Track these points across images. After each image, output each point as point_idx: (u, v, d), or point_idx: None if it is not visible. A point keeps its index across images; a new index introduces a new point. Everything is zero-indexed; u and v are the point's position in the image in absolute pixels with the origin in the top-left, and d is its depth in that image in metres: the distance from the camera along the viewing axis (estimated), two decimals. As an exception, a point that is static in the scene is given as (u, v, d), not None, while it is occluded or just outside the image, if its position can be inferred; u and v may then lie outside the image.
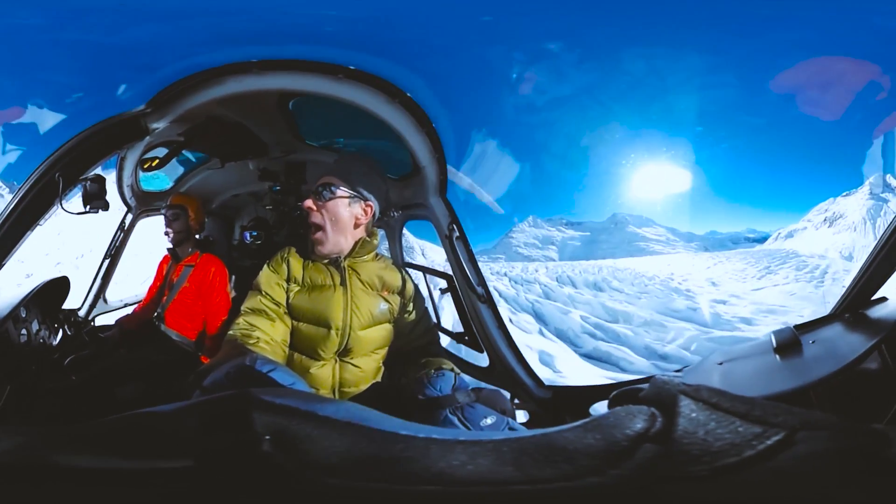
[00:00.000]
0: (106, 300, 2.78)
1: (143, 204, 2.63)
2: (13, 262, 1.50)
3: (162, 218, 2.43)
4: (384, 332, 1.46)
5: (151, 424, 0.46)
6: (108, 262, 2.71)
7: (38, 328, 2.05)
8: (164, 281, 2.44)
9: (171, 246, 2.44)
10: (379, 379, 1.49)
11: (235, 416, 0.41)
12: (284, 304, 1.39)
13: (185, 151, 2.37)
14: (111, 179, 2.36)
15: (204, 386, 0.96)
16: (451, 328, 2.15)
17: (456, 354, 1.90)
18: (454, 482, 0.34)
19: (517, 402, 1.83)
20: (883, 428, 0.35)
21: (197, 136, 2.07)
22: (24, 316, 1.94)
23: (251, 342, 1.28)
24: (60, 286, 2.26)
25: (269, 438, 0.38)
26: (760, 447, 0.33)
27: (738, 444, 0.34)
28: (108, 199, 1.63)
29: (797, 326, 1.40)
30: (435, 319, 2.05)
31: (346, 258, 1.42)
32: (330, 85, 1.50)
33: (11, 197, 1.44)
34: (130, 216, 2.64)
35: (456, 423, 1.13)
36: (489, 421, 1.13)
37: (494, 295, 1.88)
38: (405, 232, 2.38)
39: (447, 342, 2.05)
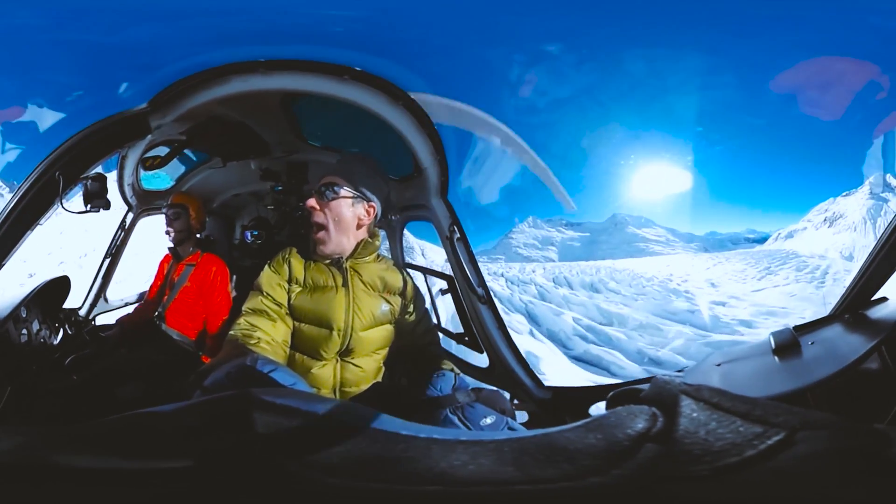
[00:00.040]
0: (107, 299, 2.78)
1: (143, 203, 2.63)
2: (15, 261, 1.49)
3: (163, 217, 2.44)
4: (385, 332, 1.46)
5: (152, 424, 0.46)
6: (108, 261, 2.71)
7: (38, 328, 2.05)
8: (164, 280, 2.44)
9: (171, 245, 2.43)
10: (380, 379, 1.49)
11: (236, 416, 0.41)
12: (286, 304, 1.39)
13: (186, 150, 2.37)
14: (112, 178, 2.36)
15: (205, 386, 0.96)
16: (450, 328, 2.15)
17: (456, 355, 1.90)
18: (455, 482, 0.34)
19: (517, 402, 1.83)
20: (883, 428, 0.35)
21: (199, 135, 2.07)
22: (24, 316, 1.94)
23: (252, 342, 1.28)
24: (61, 286, 2.26)
25: (269, 438, 0.38)
26: (761, 447, 0.33)
27: (738, 443, 0.34)
28: (109, 197, 1.63)
29: (796, 327, 1.39)
30: (435, 320, 2.05)
31: (347, 259, 1.42)
32: (334, 85, 1.50)
33: (11, 196, 1.44)
34: (131, 215, 2.64)
35: (456, 422, 1.13)
36: (489, 421, 1.13)
37: (489, 295, 1.87)
38: (405, 232, 2.37)
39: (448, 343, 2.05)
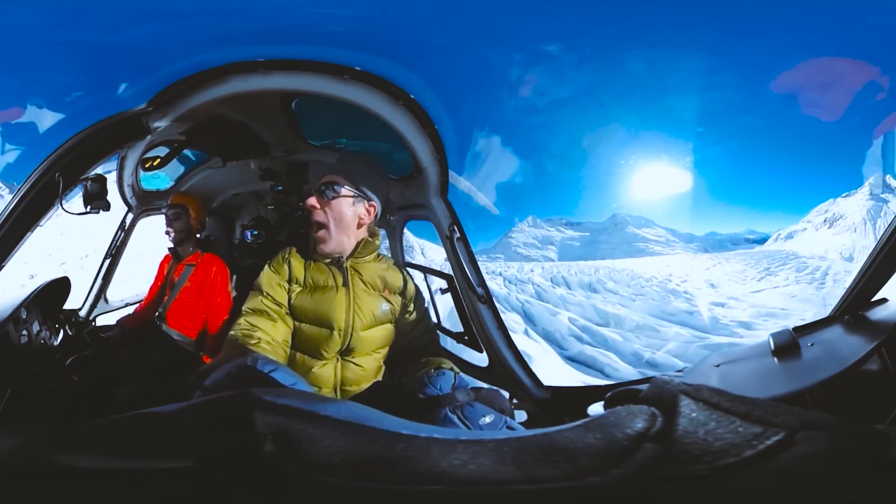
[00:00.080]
0: (107, 300, 2.78)
1: (143, 203, 2.63)
2: (17, 262, 1.49)
3: (163, 217, 2.44)
4: (386, 331, 1.46)
5: (152, 425, 0.46)
6: (108, 261, 2.71)
7: (39, 329, 2.05)
8: (165, 280, 2.44)
9: (172, 245, 2.43)
10: (380, 378, 1.49)
11: (236, 416, 0.41)
12: (286, 304, 1.39)
13: (185, 150, 2.37)
14: (111, 179, 2.36)
15: (205, 386, 0.96)
16: (449, 327, 2.15)
17: (456, 354, 1.90)
18: (456, 482, 0.34)
19: (516, 401, 1.83)
20: (883, 428, 0.35)
21: (198, 135, 2.06)
22: (24, 317, 1.94)
23: (252, 342, 1.28)
24: (61, 287, 2.26)
25: (270, 438, 0.38)
26: (760, 447, 0.33)
27: (738, 443, 0.34)
28: (108, 199, 1.63)
29: (796, 328, 1.38)
30: (435, 319, 2.05)
31: (348, 259, 1.42)
32: (335, 85, 1.50)
33: (11, 197, 1.44)
34: (131, 216, 2.64)
35: (455, 421, 1.13)
36: (487, 419, 1.13)
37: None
38: (405, 231, 2.37)
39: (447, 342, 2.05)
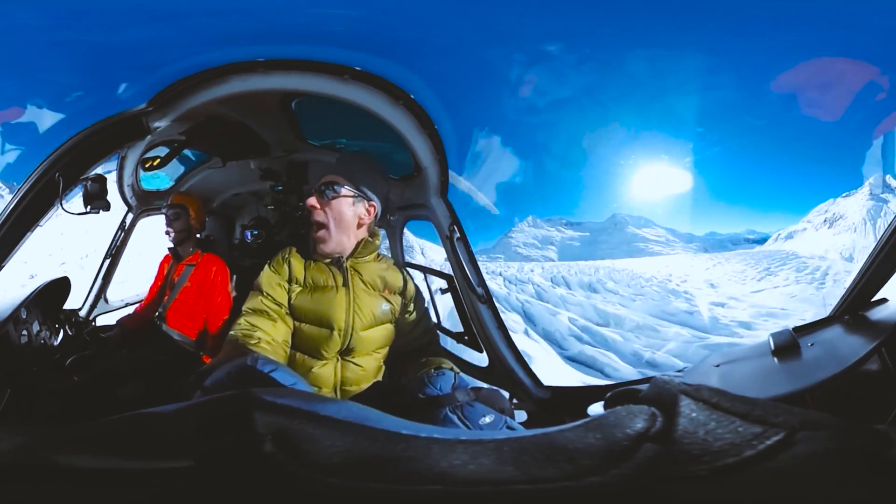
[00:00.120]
0: (107, 300, 2.78)
1: (143, 203, 2.63)
2: (17, 263, 1.49)
3: (163, 217, 2.44)
4: (386, 331, 1.46)
5: (152, 424, 0.46)
6: (108, 262, 2.71)
7: (39, 329, 2.05)
8: (165, 281, 2.44)
9: (172, 245, 2.43)
10: (380, 378, 1.49)
11: (236, 416, 0.41)
12: (286, 304, 1.39)
13: (185, 150, 2.37)
14: (111, 179, 2.36)
15: (205, 386, 0.96)
16: (449, 327, 2.15)
17: (456, 354, 1.90)
18: (456, 482, 0.34)
19: (516, 401, 1.83)
20: (883, 428, 0.35)
21: (198, 135, 2.06)
22: (24, 317, 1.94)
23: (252, 342, 1.28)
24: (61, 287, 2.26)
25: (270, 438, 0.38)
26: (760, 447, 0.33)
27: (738, 443, 0.34)
28: (108, 199, 1.63)
29: (796, 328, 1.38)
30: (435, 319, 2.05)
31: (348, 259, 1.42)
32: (335, 86, 1.50)
33: (11, 198, 1.44)
34: (131, 216, 2.64)
35: (455, 421, 1.13)
36: (487, 419, 1.13)
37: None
38: (405, 231, 2.37)
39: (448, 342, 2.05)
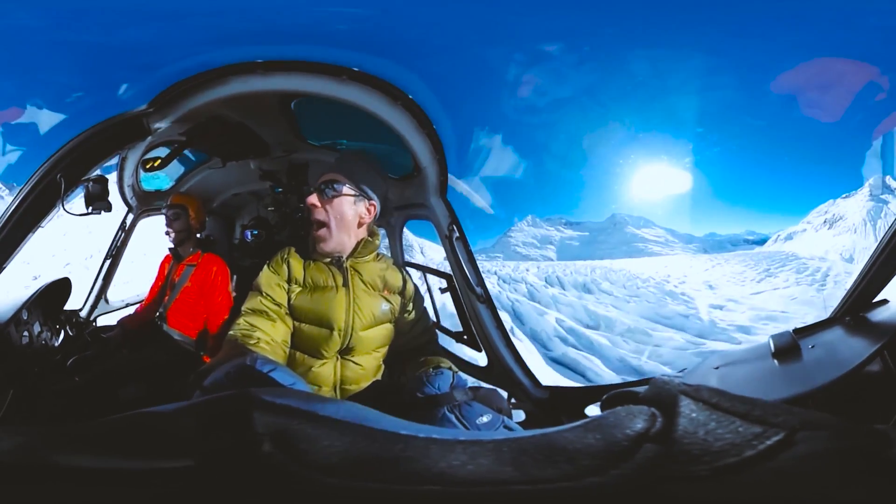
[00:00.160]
0: (107, 300, 2.78)
1: (143, 204, 2.63)
2: (20, 263, 1.49)
3: (163, 217, 2.44)
4: (385, 331, 1.46)
5: (152, 424, 0.46)
6: (109, 262, 2.71)
7: (39, 330, 2.05)
8: (165, 281, 2.44)
9: (172, 245, 2.44)
10: (380, 377, 1.49)
11: (236, 416, 0.41)
12: (285, 304, 1.39)
13: (185, 150, 2.37)
14: (112, 179, 2.36)
15: (204, 386, 0.96)
16: (448, 326, 2.15)
17: (454, 353, 1.90)
18: (454, 482, 0.34)
19: (514, 401, 1.83)
20: (883, 428, 0.35)
21: (198, 135, 2.07)
22: (25, 318, 1.94)
23: (252, 342, 1.28)
24: (62, 287, 2.26)
25: (269, 438, 0.38)
26: (761, 447, 0.33)
27: (738, 444, 0.34)
28: (109, 199, 1.63)
29: (797, 330, 1.37)
30: (434, 318, 2.05)
31: (348, 258, 1.42)
32: (334, 86, 1.50)
33: (13, 199, 1.44)
34: (131, 216, 2.64)
35: (453, 420, 1.13)
36: (485, 419, 1.13)
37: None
38: (404, 230, 2.38)
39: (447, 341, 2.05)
